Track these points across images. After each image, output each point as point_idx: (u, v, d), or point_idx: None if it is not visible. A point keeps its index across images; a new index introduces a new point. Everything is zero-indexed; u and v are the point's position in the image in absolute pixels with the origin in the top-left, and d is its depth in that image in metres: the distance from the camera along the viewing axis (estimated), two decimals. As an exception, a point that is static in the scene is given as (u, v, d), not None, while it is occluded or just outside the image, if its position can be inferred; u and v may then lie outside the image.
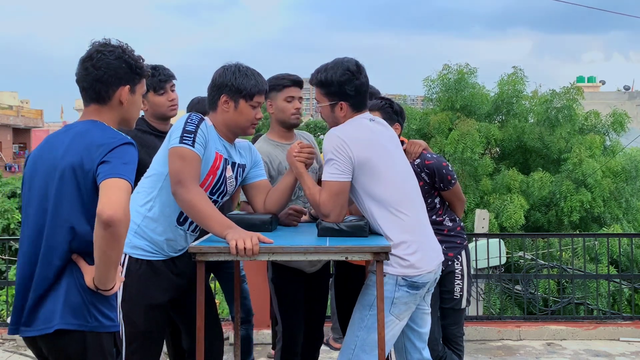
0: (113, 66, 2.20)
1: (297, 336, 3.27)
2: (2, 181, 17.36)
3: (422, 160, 3.40)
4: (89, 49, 2.24)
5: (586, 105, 17.78)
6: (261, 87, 2.75)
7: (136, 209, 2.68)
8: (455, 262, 3.53)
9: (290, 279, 3.25)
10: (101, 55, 2.20)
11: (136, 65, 2.26)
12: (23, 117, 47.85)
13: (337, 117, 2.79)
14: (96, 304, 2.11)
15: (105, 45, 2.23)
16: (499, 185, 15.44)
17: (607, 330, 5.63)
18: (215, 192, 2.75)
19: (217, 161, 2.71)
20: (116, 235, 1.95)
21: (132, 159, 2.10)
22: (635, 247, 10.25)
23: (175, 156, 2.57)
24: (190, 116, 2.66)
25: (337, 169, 2.63)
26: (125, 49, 2.25)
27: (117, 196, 1.96)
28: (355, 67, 2.76)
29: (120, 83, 2.22)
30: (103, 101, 2.23)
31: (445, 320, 3.56)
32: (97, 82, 2.20)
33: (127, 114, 2.30)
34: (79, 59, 2.25)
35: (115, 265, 2.05)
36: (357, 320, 2.70)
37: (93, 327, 2.10)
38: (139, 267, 2.68)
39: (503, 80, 17.22)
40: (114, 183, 2.00)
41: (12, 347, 5.28)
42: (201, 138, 2.61)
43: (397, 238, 2.63)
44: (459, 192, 3.54)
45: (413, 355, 2.87)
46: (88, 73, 2.21)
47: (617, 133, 17.02)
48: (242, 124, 2.75)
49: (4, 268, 8.22)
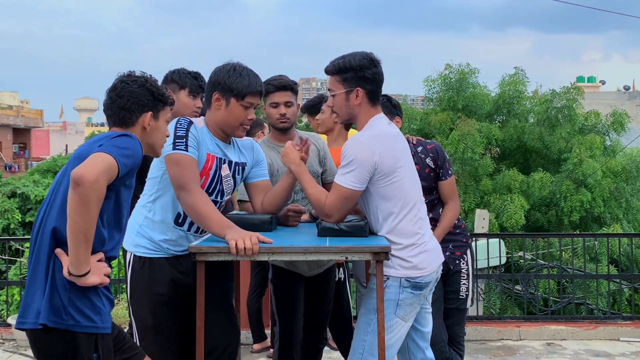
0: (136, 94, 2.33)
1: (293, 336, 3.28)
2: (2, 181, 17.34)
3: (424, 146, 3.45)
4: (114, 81, 2.38)
5: (586, 105, 17.77)
6: (254, 88, 2.73)
7: (139, 209, 2.80)
8: (462, 261, 3.52)
9: (288, 280, 3.25)
10: (125, 85, 2.34)
11: (158, 93, 2.38)
12: (23, 117, 47.86)
13: (352, 107, 2.73)
14: (75, 302, 2.12)
15: (129, 76, 2.38)
16: (499, 185, 15.42)
17: (607, 330, 5.63)
18: (212, 192, 2.76)
19: (209, 162, 2.73)
20: (84, 197, 1.98)
21: (127, 146, 2.16)
22: (635, 247, 10.26)
23: (171, 163, 2.63)
24: (179, 121, 2.70)
25: (357, 178, 2.60)
26: (147, 79, 2.38)
27: (94, 163, 2.03)
28: (374, 57, 2.74)
29: (143, 110, 2.34)
30: (127, 126, 2.34)
31: (449, 320, 3.54)
32: (121, 109, 2.33)
33: (151, 140, 2.39)
34: (106, 90, 2.38)
35: (85, 239, 2.04)
36: (363, 325, 2.70)
37: (68, 326, 2.11)
38: (142, 264, 2.76)
39: (504, 81, 17.22)
40: (96, 154, 2.07)
41: (12, 347, 5.28)
42: (193, 141, 2.66)
43: (404, 241, 2.64)
44: (454, 188, 3.51)
45: (417, 355, 2.87)
46: (113, 102, 2.34)
47: (617, 133, 17.00)
48: (231, 123, 2.75)
49: (4, 268, 8.22)
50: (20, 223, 14.79)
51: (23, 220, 14.89)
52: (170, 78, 3.48)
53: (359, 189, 2.63)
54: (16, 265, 7.46)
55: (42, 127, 52.73)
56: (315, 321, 3.41)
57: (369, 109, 2.74)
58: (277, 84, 3.24)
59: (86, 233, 2.04)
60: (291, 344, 3.29)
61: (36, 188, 15.17)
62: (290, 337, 3.28)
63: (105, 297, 2.22)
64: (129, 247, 2.81)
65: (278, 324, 3.31)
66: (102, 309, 2.19)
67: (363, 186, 2.63)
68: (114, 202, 2.20)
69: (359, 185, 2.62)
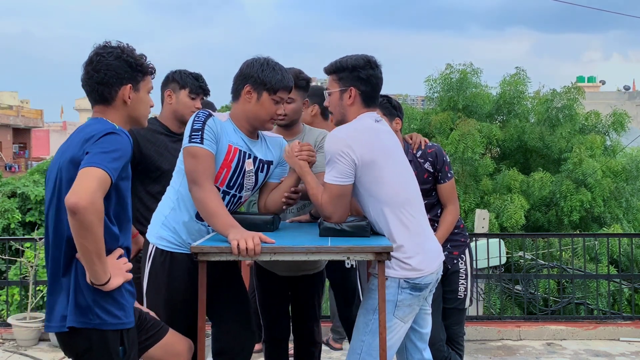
0: (113, 67, 2.23)
1: (276, 330, 3.32)
2: (2, 181, 17.31)
3: (424, 149, 3.41)
4: (90, 53, 2.27)
5: (586, 105, 17.78)
6: (286, 83, 2.73)
7: (166, 201, 2.80)
8: (460, 261, 3.50)
9: (270, 276, 3.27)
10: (100, 58, 2.23)
11: (136, 63, 2.28)
12: (23, 117, 47.83)
13: (344, 106, 2.73)
14: (100, 301, 2.13)
15: (105, 48, 2.27)
16: (499, 185, 15.44)
17: (607, 330, 5.63)
18: (232, 186, 2.75)
19: (231, 154, 2.71)
20: (84, 223, 1.95)
21: (114, 147, 2.09)
22: (635, 247, 10.24)
23: (187, 156, 2.63)
24: (197, 114, 2.69)
25: (339, 173, 2.60)
26: (124, 49, 2.27)
27: (85, 184, 1.97)
28: (373, 59, 2.75)
29: (122, 83, 2.25)
30: (107, 102, 2.25)
31: (448, 320, 3.53)
32: (99, 84, 2.23)
33: (135, 113, 2.31)
34: (82, 64, 2.29)
35: (97, 256, 2.04)
36: (361, 325, 2.69)
37: (95, 325, 2.12)
38: (163, 258, 2.77)
39: (505, 81, 17.23)
40: (86, 171, 2.01)
41: (12, 347, 5.28)
42: (209, 133, 2.63)
43: (399, 241, 2.62)
44: (454, 191, 3.46)
45: (414, 356, 2.87)
46: (90, 77, 2.24)
47: (617, 133, 17.02)
48: (262, 116, 2.74)
49: (4, 268, 8.21)
50: (20, 223, 14.77)
51: (23, 220, 14.86)
52: (172, 77, 3.50)
53: (345, 183, 2.61)
54: (16, 265, 7.45)
55: (42, 127, 52.70)
56: (301, 324, 3.39)
57: (362, 110, 2.73)
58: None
59: (97, 251, 2.04)
60: (276, 339, 3.33)
61: (36, 188, 15.13)
62: (273, 331, 3.32)
63: (127, 292, 2.23)
64: (152, 238, 2.82)
65: (262, 319, 3.37)
66: (125, 304, 2.21)
67: (349, 180, 2.60)
68: (115, 197, 2.19)
69: (343, 179, 2.60)
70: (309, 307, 3.37)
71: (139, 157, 3.27)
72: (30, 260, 6.15)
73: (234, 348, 2.86)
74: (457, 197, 3.55)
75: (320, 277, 3.39)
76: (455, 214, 3.44)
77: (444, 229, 3.39)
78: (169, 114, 3.48)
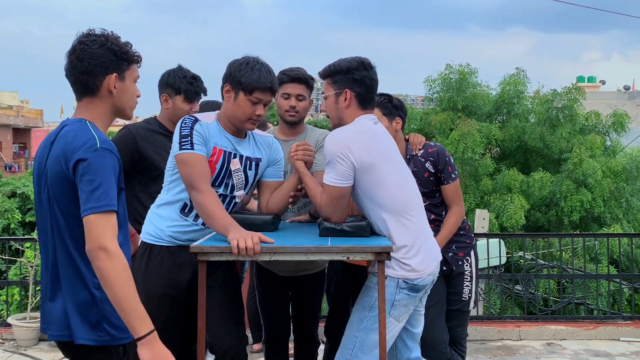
0: (97, 55, 2.12)
1: (277, 330, 3.30)
2: (2, 181, 17.32)
3: (425, 149, 3.39)
4: (73, 42, 2.17)
5: (586, 105, 17.76)
6: (263, 84, 2.69)
7: (158, 197, 2.91)
8: (465, 263, 3.48)
9: (269, 275, 3.26)
10: (84, 46, 2.13)
11: (122, 52, 2.18)
12: (23, 117, 47.83)
13: (340, 109, 2.73)
14: (108, 317, 2.09)
15: (88, 36, 2.16)
16: (499, 185, 15.42)
17: (607, 330, 5.63)
18: (220, 185, 2.78)
19: (215, 155, 2.74)
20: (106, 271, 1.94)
21: (102, 176, 2.01)
22: (635, 247, 10.24)
23: (180, 164, 2.68)
24: (184, 120, 2.73)
25: (339, 174, 2.60)
26: (108, 37, 2.17)
27: (96, 233, 1.96)
28: (366, 61, 2.74)
29: (107, 72, 2.14)
30: (92, 93, 2.16)
31: (452, 321, 3.52)
32: (82, 74, 2.13)
33: (120, 103, 2.20)
34: (66, 53, 2.19)
35: (133, 308, 1.98)
36: (356, 321, 2.70)
37: (104, 342, 2.09)
38: (143, 250, 2.85)
39: (505, 81, 17.22)
40: (91, 220, 1.98)
41: (12, 347, 5.28)
42: (198, 137, 2.67)
43: (399, 241, 2.62)
44: (458, 192, 3.43)
45: (403, 355, 2.88)
46: (73, 66, 2.15)
47: (617, 133, 17.00)
48: (239, 116, 2.74)
49: (4, 268, 8.21)
50: (20, 223, 14.79)
51: (23, 220, 14.88)
52: (166, 82, 3.44)
53: (344, 185, 2.61)
54: (16, 265, 7.45)
55: (42, 127, 52.62)
56: (302, 324, 3.39)
57: (358, 112, 2.73)
58: (292, 75, 3.18)
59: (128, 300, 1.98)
60: (276, 339, 3.32)
61: (36, 188, 15.14)
62: (273, 331, 3.31)
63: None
64: (142, 234, 2.92)
65: (262, 319, 3.37)
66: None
67: (347, 181, 2.61)
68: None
69: (342, 181, 2.60)
70: (309, 307, 3.36)
71: (137, 156, 3.27)
72: (30, 260, 6.16)
73: (227, 349, 2.83)
74: (462, 199, 3.53)
75: (321, 277, 3.39)
76: (459, 215, 3.43)
77: (447, 229, 3.38)
78: (167, 118, 3.47)
